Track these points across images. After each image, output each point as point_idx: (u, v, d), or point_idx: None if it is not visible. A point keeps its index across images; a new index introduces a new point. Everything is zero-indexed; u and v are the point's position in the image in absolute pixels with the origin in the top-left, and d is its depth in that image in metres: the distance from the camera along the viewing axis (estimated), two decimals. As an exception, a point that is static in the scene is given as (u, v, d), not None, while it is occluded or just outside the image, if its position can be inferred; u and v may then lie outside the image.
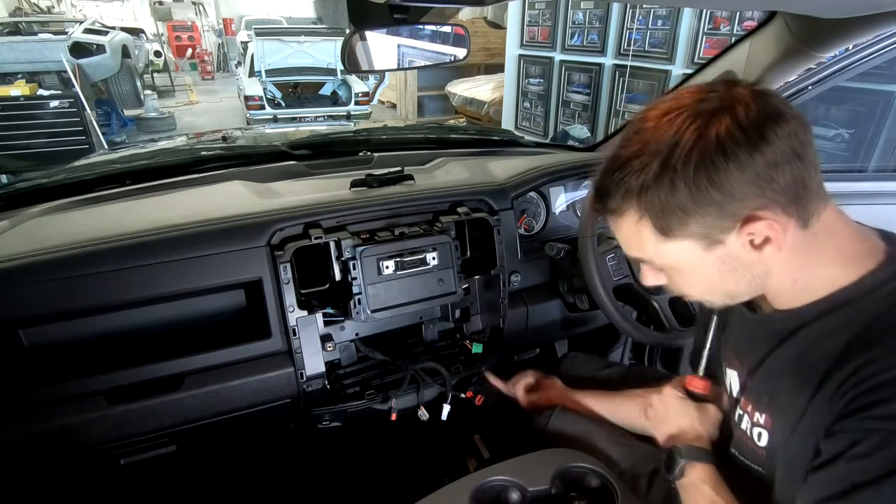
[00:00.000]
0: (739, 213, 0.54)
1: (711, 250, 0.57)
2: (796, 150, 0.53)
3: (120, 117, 7.11)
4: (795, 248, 0.57)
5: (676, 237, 0.57)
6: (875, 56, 1.26)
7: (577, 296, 1.28)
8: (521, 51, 4.91)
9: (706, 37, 3.38)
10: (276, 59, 6.14)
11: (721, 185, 0.52)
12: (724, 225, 0.55)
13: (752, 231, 0.55)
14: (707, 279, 0.61)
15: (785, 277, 0.60)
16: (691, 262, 0.59)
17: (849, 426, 0.53)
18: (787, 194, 0.54)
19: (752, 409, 0.69)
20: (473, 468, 1.30)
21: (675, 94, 0.57)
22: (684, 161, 0.52)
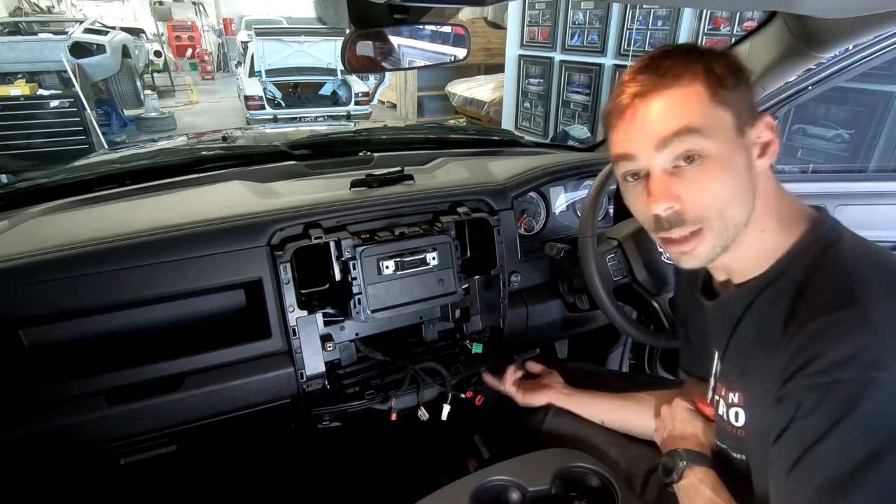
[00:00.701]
0: (755, 109, 0.63)
1: (738, 139, 0.61)
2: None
3: (120, 117, 7.11)
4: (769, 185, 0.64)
5: (722, 104, 0.60)
6: (875, 56, 1.26)
7: (577, 296, 1.28)
8: (521, 51, 4.91)
9: (706, 37, 3.38)
10: (276, 59, 6.14)
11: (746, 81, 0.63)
12: (750, 113, 0.62)
13: (761, 129, 0.62)
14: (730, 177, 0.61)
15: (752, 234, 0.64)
16: (723, 144, 0.60)
17: (791, 389, 0.55)
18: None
19: (726, 391, 0.71)
20: (473, 468, 1.30)
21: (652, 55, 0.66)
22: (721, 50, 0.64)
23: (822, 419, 0.52)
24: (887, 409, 0.50)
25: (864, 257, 0.59)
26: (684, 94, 0.60)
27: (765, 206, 0.63)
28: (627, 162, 0.64)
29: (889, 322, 0.52)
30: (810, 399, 0.53)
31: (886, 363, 0.50)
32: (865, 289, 0.55)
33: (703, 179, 0.61)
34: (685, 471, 0.74)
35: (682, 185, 0.61)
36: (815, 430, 0.52)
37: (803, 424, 0.53)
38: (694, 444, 0.78)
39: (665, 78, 0.61)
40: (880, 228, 1.58)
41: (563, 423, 1.04)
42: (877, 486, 0.48)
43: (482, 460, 1.31)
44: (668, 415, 0.86)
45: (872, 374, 0.50)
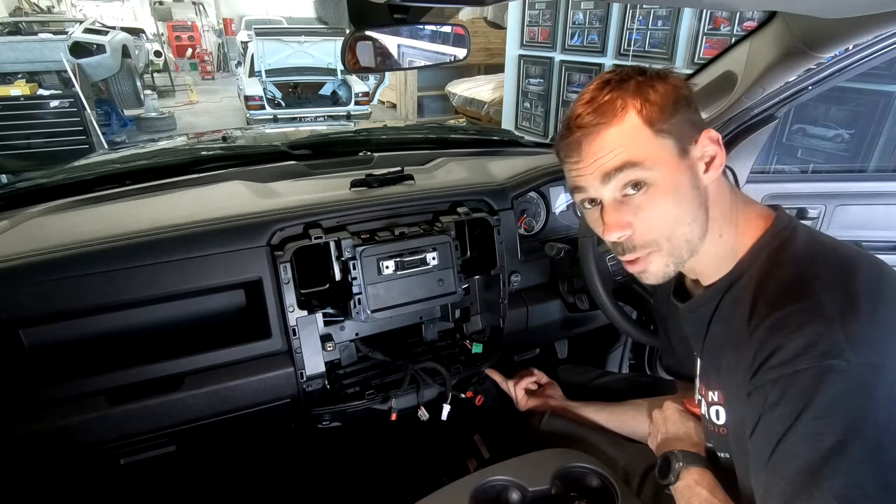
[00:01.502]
0: (698, 125, 0.65)
1: (681, 160, 0.64)
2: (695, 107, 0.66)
3: (120, 117, 7.11)
4: (721, 190, 0.66)
5: (661, 132, 0.63)
6: (875, 56, 1.25)
7: (577, 296, 1.28)
8: (521, 51, 4.91)
9: (706, 37, 3.38)
10: (276, 59, 6.14)
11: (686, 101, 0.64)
12: (690, 133, 0.64)
13: (705, 145, 0.65)
14: (676, 200, 0.64)
15: (711, 240, 0.66)
16: (666, 170, 0.64)
17: (757, 383, 0.57)
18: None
19: (706, 390, 0.72)
20: (473, 468, 1.30)
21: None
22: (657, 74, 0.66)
23: (787, 410, 0.53)
24: (847, 394, 0.51)
25: (816, 251, 0.61)
26: (623, 131, 0.64)
27: (721, 213, 0.66)
28: (580, 193, 0.69)
29: (841, 310, 0.54)
30: (774, 392, 0.54)
31: (842, 350, 0.51)
32: (817, 280, 0.57)
33: (650, 206, 0.64)
34: (681, 472, 0.74)
35: (631, 212, 0.65)
36: (782, 422, 0.53)
37: (771, 417, 0.55)
38: (688, 444, 0.79)
39: (605, 116, 0.64)
40: (880, 228, 1.58)
41: (562, 423, 1.05)
42: (845, 474, 0.49)
43: (482, 460, 1.31)
44: (659, 418, 0.86)
45: (829, 362, 0.51)
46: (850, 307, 0.54)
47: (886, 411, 0.51)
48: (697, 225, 0.65)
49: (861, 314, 0.54)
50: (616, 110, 0.64)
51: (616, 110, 0.64)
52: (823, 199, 1.55)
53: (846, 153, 2.74)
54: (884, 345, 0.53)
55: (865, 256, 0.60)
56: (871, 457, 0.49)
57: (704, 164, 0.65)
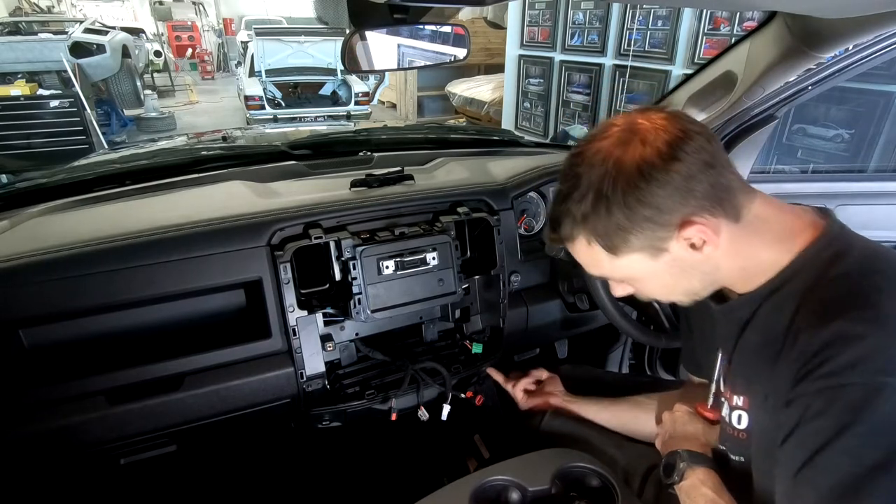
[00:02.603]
0: (671, 222, 0.60)
1: (658, 258, 0.63)
2: (707, 161, 0.59)
3: (120, 117, 7.10)
4: (733, 240, 0.62)
5: (624, 253, 0.63)
6: (875, 56, 1.25)
7: (577, 296, 1.28)
8: (521, 51, 4.90)
9: (706, 37, 3.38)
10: (276, 59, 6.14)
11: (648, 202, 0.59)
12: (661, 235, 0.61)
13: (687, 236, 0.61)
14: (663, 283, 0.68)
15: (734, 268, 0.65)
16: (645, 272, 0.65)
17: (800, 392, 0.55)
18: (709, 198, 0.60)
19: (731, 393, 0.71)
20: (473, 468, 1.30)
21: (602, 128, 0.64)
22: (612, 188, 0.59)
23: (830, 423, 0.51)
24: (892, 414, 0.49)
25: (873, 262, 0.59)
26: (582, 252, 0.66)
27: (732, 258, 0.64)
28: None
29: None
30: (818, 402, 0.53)
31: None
32: (875, 293, 0.55)
33: (641, 286, 0.69)
34: (686, 471, 0.74)
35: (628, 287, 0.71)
36: (822, 433, 0.52)
37: (811, 427, 0.53)
38: (695, 444, 0.79)
39: (560, 233, 0.66)
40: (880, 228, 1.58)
41: (562, 423, 1.05)
42: (884, 496, 0.48)
43: (482, 460, 1.31)
44: (668, 419, 0.86)
45: (882, 379, 0.50)
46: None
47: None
48: (697, 285, 0.67)
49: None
50: (568, 234, 0.65)
51: (568, 234, 0.65)
52: (823, 199, 1.55)
53: (846, 153, 2.74)
54: None
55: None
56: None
57: (690, 247, 0.62)
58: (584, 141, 0.65)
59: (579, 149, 0.64)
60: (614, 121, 0.64)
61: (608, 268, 0.66)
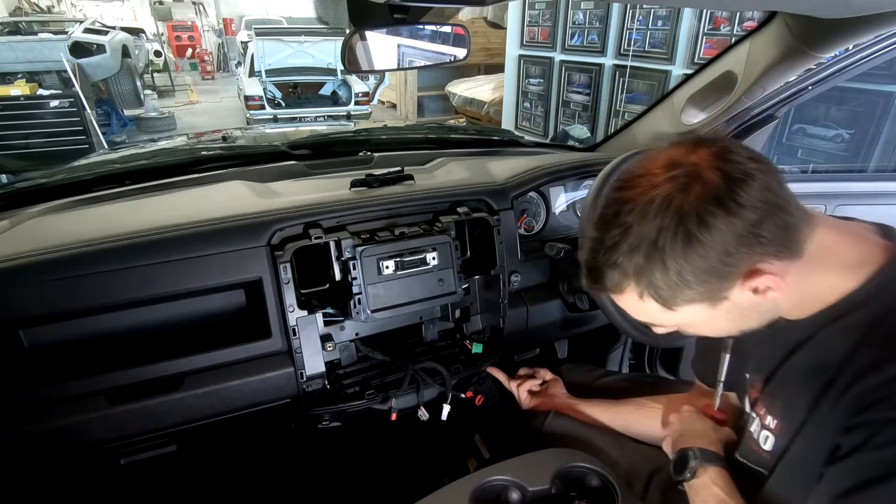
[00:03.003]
0: (736, 272, 0.55)
1: (717, 306, 0.59)
2: (772, 202, 0.54)
3: (120, 117, 7.10)
4: (796, 277, 0.58)
5: (681, 306, 0.58)
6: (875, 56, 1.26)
7: (577, 296, 1.28)
8: (521, 51, 4.91)
9: (706, 37, 3.38)
10: (276, 59, 6.14)
11: (710, 256, 0.54)
12: (724, 286, 0.56)
13: (753, 284, 0.56)
14: (718, 327, 0.64)
15: (793, 301, 0.62)
16: (700, 319, 0.61)
17: (866, 419, 0.53)
18: (776, 243, 0.55)
19: (765, 412, 0.69)
20: (473, 468, 1.30)
21: (640, 167, 0.58)
22: (671, 241, 0.54)
23: (889, 457, 0.51)
24: None
25: None
26: (637, 304, 0.60)
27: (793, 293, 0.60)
28: None
29: None
30: (883, 434, 0.52)
31: None
32: None
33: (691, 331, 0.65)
34: (698, 469, 0.73)
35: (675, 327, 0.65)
36: (878, 466, 0.51)
37: (874, 455, 0.52)
38: (706, 442, 0.78)
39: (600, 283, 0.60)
40: (880, 228, 1.58)
41: (563, 424, 1.04)
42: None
43: (482, 460, 1.31)
44: (676, 419, 0.87)
45: None
46: None
47: None
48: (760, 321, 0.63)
49: None
50: (615, 286, 0.59)
51: (615, 286, 0.59)
52: (823, 199, 1.55)
53: (846, 153, 2.74)
54: None
55: None
56: None
57: (752, 292, 0.57)
58: (625, 181, 0.58)
59: (624, 193, 0.57)
60: (659, 158, 0.58)
61: (660, 318, 0.62)
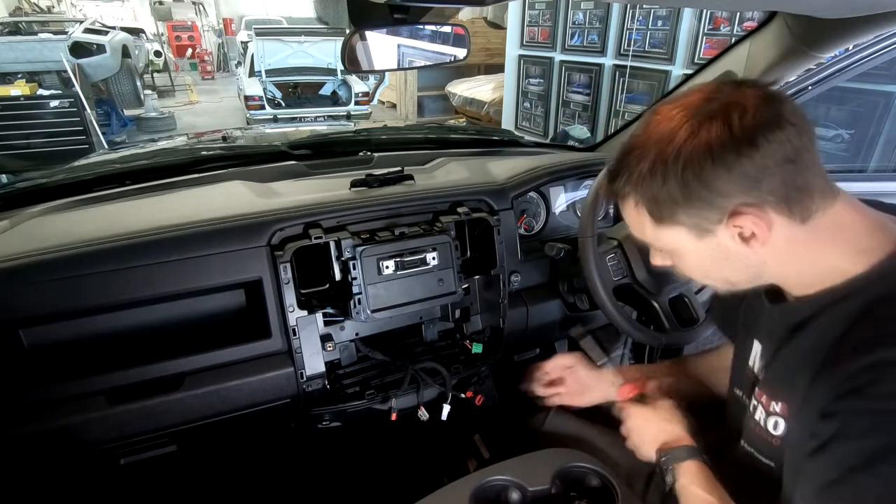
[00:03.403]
0: (725, 207, 0.57)
1: (703, 239, 0.61)
2: (788, 156, 0.55)
3: (120, 117, 7.10)
4: (792, 241, 0.59)
5: (669, 224, 0.62)
6: (875, 56, 1.26)
7: (577, 296, 1.28)
8: (521, 51, 4.91)
9: (706, 37, 3.38)
10: (276, 59, 6.14)
11: (707, 182, 0.56)
12: (711, 217, 0.59)
13: (738, 224, 0.58)
14: (703, 265, 0.66)
15: (787, 268, 0.63)
16: (686, 249, 0.64)
17: (842, 407, 0.54)
18: (777, 195, 0.56)
19: (768, 398, 0.68)
20: (473, 468, 1.30)
21: (686, 92, 0.61)
22: (675, 158, 0.57)
23: (872, 446, 0.51)
24: None
25: None
26: (629, 212, 0.65)
27: (786, 259, 0.61)
28: None
29: None
30: (861, 423, 0.52)
31: None
32: None
33: (678, 262, 0.68)
34: (675, 472, 0.74)
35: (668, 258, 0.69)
36: (862, 454, 0.51)
37: (851, 446, 0.52)
38: (672, 440, 0.80)
39: (619, 190, 0.64)
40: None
41: (563, 423, 1.04)
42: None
43: (482, 460, 1.31)
44: (629, 436, 0.87)
45: None
46: None
47: None
48: (745, 276, 0.64)
49: None
50: (620, 191, 0.64)
51: (620, 191, 0.64)
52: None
53: (846, 153, 2.74)
54: None
55: None
56: None
57: (740, 237, 0.59)
58: (669, 100, 0.61)
59: (662, 106, 0.61)
60: (701, 87, 0.60)
61: (650, 235, 0.65)
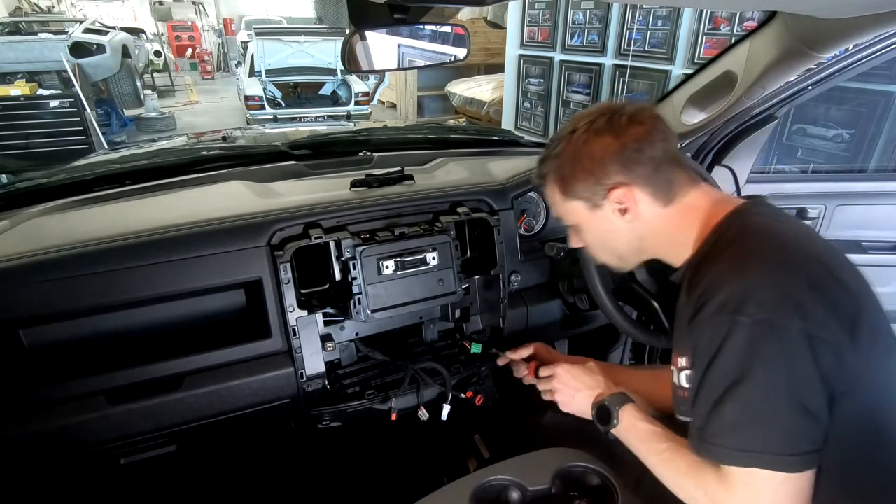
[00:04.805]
0: (607, 183, 0.78)
1: (595, 212, 0.81)
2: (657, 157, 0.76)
3: (120, 117, 7.10)
4: (658, 218, 0.79)
5: (569, 197, 0.82)
6: (875, 56, 1.26)
7: (577, 296, 1.28)
8: (521, 51, 4.90)
9: (706, 37, 3.38)
10: (276, 59, 6.14)
11: (596, 161, 0.77)
12: (598, 191, 0.79)
13: (616, 198, 0.78)
14: (599, 238, 0.85)
15: (660, 242, 0.82)
16: (583, 220, 0.83)
17: (692, 331, 0.70)
18: (645, 179, 0.77)
19: (675, 356, 0.79)
20: (473, 468, 1.30)
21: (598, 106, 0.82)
22: (576, 142, 0.79)
23: (705, 353, 0.67)
24: (744, 346, 0.64)
25: (755, 235, 0.72)
26: (549, 191, 0.86)
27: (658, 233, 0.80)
28: None
29: (759, 281, 0.65)
30: (701, 338, 0.68)
31: (745, 309, 0.64)
32: (748, 257, 0.68)
33: (585, 239, 0.88)
34: (619, 413, 0.85)
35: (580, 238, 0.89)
36: (702, 364, 0.68)
37: (698, 360, 0.69)
38: (604, 390, 0.91)
39: (541, 171, 0.85)
40: (880, 228, 1.58)
41: (564, 422, 1.04)
42: (739, 402, 0.64)
43: (482, 460, 1.31)
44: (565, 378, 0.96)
45: (737, 318, 0.64)
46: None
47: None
48: (628, 249, 0.84)
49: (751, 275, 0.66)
50: (541, 171, 0.85)
51: (541, 171, 0.85)
52: (823, 199, 1.55)
53: (846, 153, 2.74)
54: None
55: (764, 232, 0.72)
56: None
57: (619, 211, 0.79)
58: (585, 111, 0.82)
59: (580, 113, 0.82)
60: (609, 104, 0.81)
61: (561, 208, 0.85)
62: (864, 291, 0.71)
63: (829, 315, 0.63)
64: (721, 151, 1.47)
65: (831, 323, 0.63)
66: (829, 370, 0.62)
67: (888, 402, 0.69)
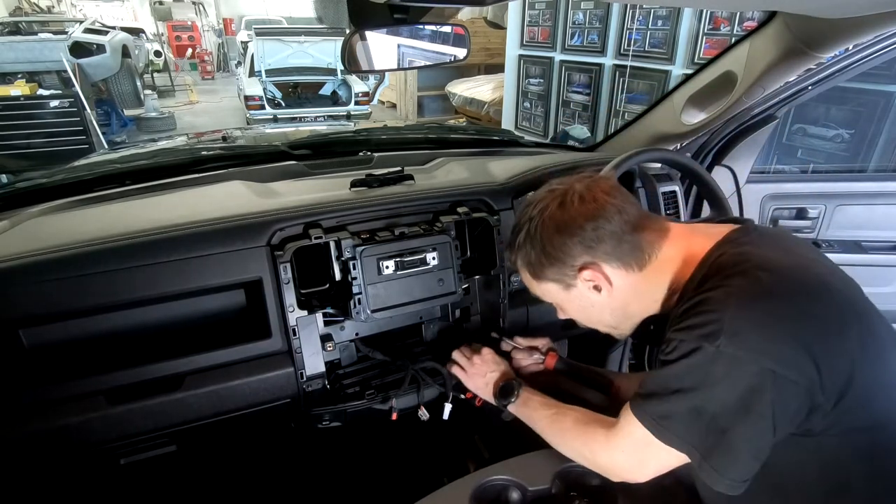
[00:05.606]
0: (574, 265, 0.78)
1: (570, 291, 0.81)
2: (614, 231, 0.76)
3: (120, 117, 7.11)
4: (637, 284, 0.78)
5: (542, 280, 0.83)
6: (875, 56, 1.26)
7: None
8: (521, 51, 4.91)
9: (706, 37, 3.38)
10: (276, 59, 6.14)
11: (559, 248, 0.77)
12: (568, 273, 0.79)
13: (586, 278, 0.78)
14: (581, 312, 0.85)
15: (647, 302, 0.81)
16: (560, 300, 0.84)
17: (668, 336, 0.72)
18: (611, 255, 0.76)
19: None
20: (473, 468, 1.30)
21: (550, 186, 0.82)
22: (534, 231, 0.79)
23: (667, 355, 0.70)
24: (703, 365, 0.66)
25: (740, 266, 0.71)
26: (521, 276, 0.86)
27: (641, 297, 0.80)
28: None
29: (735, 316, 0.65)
30: (669, 344, 0.70)
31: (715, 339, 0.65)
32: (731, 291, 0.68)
33: (565, 312, 0.87)
34: (519, 391, 0.94)
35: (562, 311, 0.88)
36: (662, 362, 0.70)
37: (663, 356, 0.72)
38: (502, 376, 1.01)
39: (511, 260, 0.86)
40: (880, 228, 1.58)
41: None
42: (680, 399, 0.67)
43: (482, 460, 1.31)
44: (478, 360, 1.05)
45: (704, 344, 0.66)
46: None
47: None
48: (616, 319, 0.84)
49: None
50: (511, 259, 0.85)
51: (511, 259, 0.85)
52: (823, 199, 1.55)
53: (846, 153, 2.74)
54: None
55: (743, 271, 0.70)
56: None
57: (594, 288, 0.79)
58: (536, 194, 0.83)
59: (532, 198, 0.83)
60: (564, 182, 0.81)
61: (537, 291, 0.86)
62: (857, 299, 0.71)
63: (802, 354, 0.63)
64: (721, 151, 1.47)
65: (803, 363, 0.63)
66: (795, 409, 0.64)
67: (888, 402, 0.69)
